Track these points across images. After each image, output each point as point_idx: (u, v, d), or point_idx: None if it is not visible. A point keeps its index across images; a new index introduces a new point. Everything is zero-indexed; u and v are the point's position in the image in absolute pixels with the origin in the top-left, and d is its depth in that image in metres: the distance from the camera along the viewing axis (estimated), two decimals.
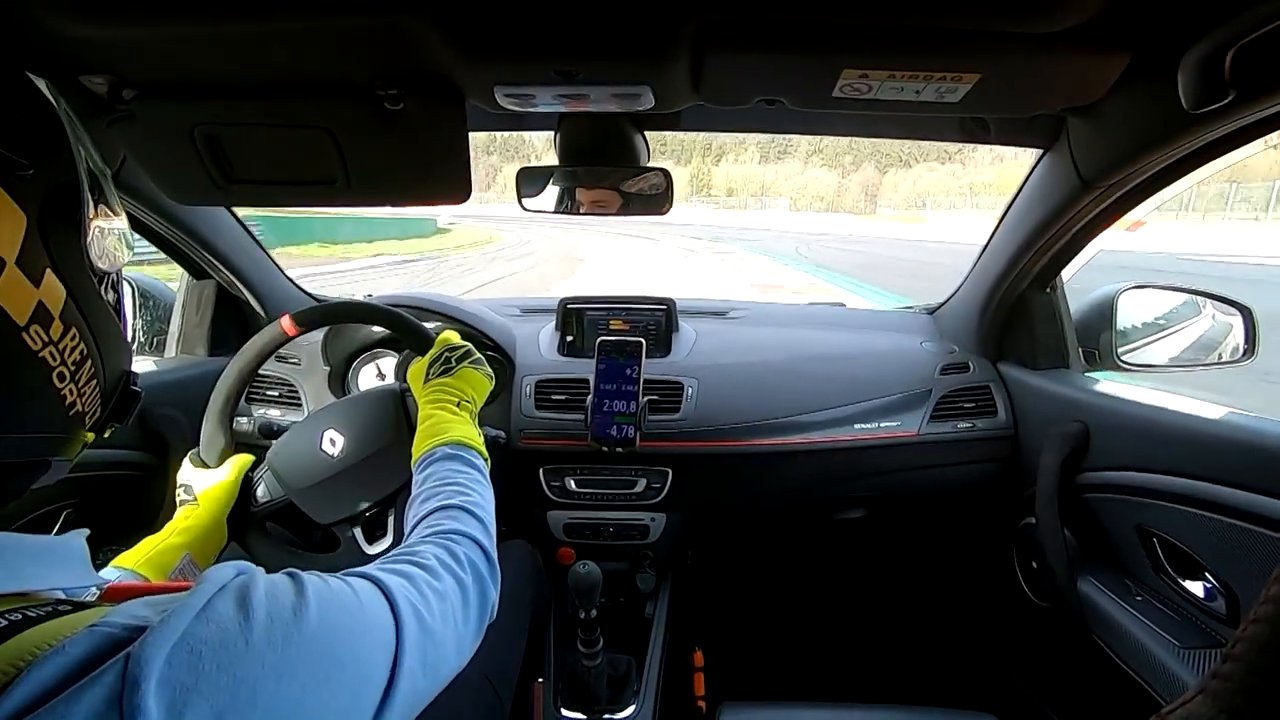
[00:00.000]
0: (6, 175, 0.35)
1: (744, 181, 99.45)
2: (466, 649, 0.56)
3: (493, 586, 0.62)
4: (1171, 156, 0.86)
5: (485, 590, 0.60)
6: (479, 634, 0.58)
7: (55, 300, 0.39)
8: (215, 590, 0.35)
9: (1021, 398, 1.35)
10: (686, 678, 1.44)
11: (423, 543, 0.60)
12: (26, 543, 0.37)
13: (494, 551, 0.65)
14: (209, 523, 0.84)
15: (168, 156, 0.88)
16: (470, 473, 0.73)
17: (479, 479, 0.73)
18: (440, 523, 0.64)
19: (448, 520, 0.64)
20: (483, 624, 0.59)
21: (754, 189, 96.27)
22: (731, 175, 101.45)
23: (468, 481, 0.71)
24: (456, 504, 0.66)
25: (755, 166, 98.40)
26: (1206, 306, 1.32)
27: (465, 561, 0.59)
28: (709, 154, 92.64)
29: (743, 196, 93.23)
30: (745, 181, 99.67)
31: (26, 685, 0.28)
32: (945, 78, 0.73)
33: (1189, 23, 0.65)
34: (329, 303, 0.97)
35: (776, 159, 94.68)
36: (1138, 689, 0.96)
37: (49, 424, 0.41)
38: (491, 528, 0.68)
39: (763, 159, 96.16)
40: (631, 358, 1.30)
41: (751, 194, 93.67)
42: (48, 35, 0.67)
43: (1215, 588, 0.91)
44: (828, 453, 1.34)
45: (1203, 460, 0.90)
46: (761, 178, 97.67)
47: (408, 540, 0.63)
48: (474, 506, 0.67)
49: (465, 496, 0.68)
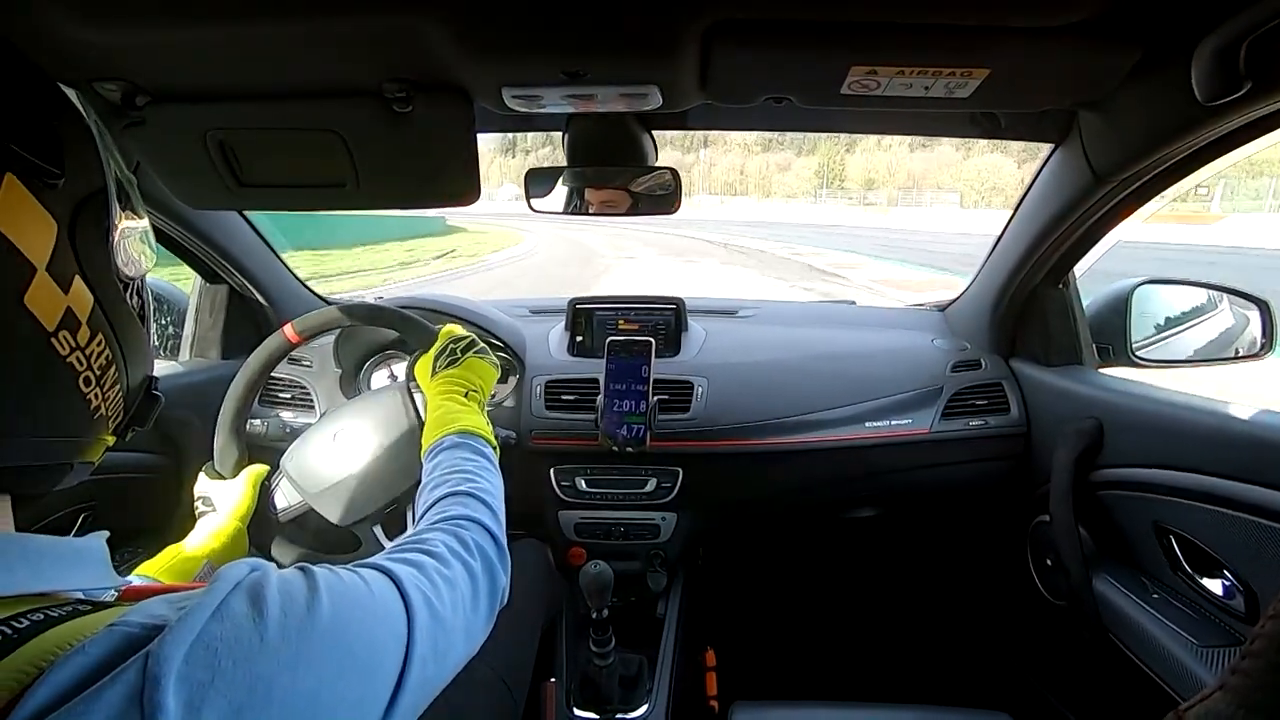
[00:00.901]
0: (38, 183, 0.36)
1: (887, 172, 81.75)
2: (477, 635, 0.56)
3: (503, 572, 0.61)
4: (1185, 150, 0.85)
5: (495, 576, 0.60)
6: (490, 620, 0.58)
7: (83, 306, 0.39)
8: (230, 588, 0.35)
9: (1034, 394, 1.34)
10: (698, 677, 1.43)
11: (432, 530, 0.60)
12: (48, 544, 0.38)
13: (503, 537, 0.64)
14: (229, 532, 0.85)
15: (180, 161, 0.89)
16: (478, 460, 0.73)
17: (487, 466, 0.73)
18: (449, 509, 0.64)
19: (456, 506, 0.64)
20: (493, 610, 0.59)
21: (901, 180, 79.22)
22: (871, 165, 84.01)
23: (475, 468, 0.71)
24: (465, 490, 0.66)
25: (902, 153, 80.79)
26: (1223, 301, 1.31)
27: (474, 548, 0.59)
28: (838, 141, 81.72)
29: (887, 190, 77.01)
30: (890, 172, 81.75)
31: (48, 685, 0.28)
32: (955, 73, 0.72)
33: (1201, 14, 0.65)
34: (329, 307, 0.98)
35: (923, 145, 72.57)
36: (1155, 688, 0.95)
37: (74, 428, 0.41)
38: (501, 513, 0.67)
39: (911, 146, 76.42)
40: (641, 357, 1.29)
41: (899, 186, 77.44)
42: (61, 42, 0.68)
43: (1234, 585, 0.90)
44: (839, 451, 1.33)
45: (1221, 456, 0.89)
46: (909, 166, 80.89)
47: (417, 528, 0.62)
48: (482, 492, 0.67)
49: (473, 483, 0.68)
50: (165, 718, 0.28)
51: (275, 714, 0.33)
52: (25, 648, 0.30)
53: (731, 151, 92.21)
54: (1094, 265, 1.26)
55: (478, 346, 0.91)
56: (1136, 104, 0.83)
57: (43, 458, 0.40)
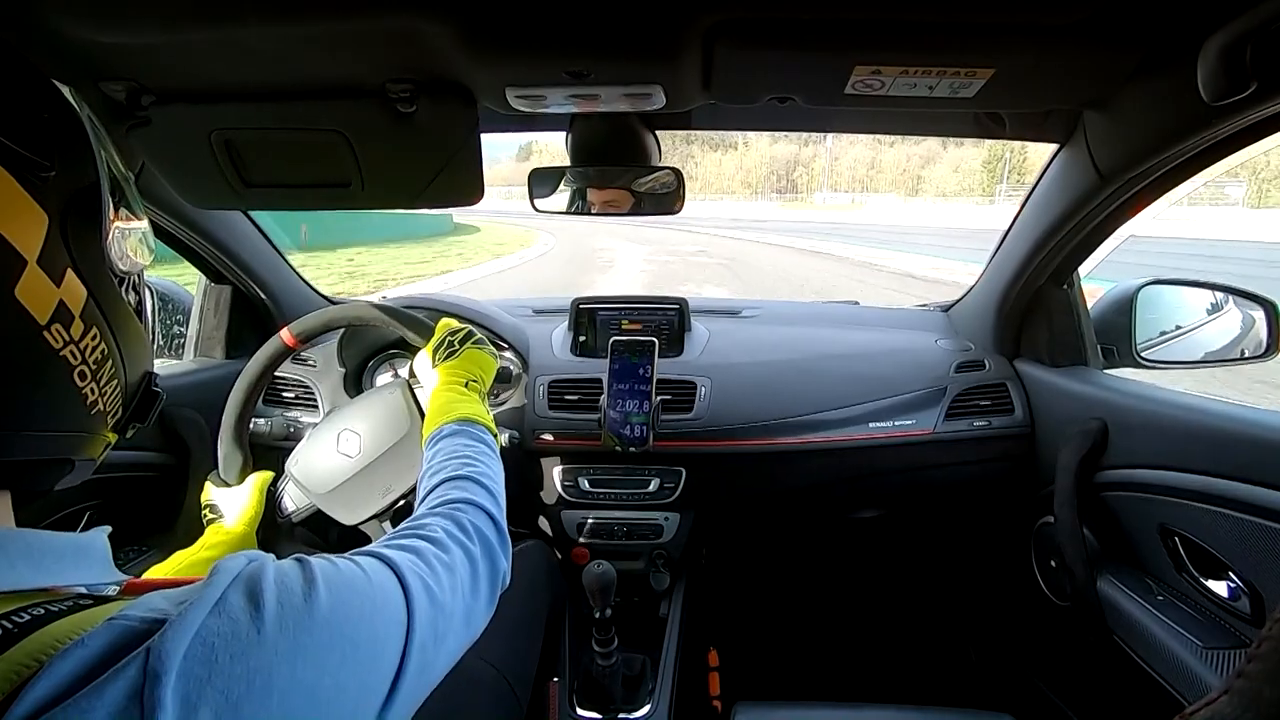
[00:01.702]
0: (28, 176, 0.36)
1: None
2: (478, 621, 0.55)
3: (503, 556, 0.61)
4: (1191, 150, 0.85)
5: (495, 560, 0.59)
6: (491, 604, 0.58)
7: (76, 300, 0.39)
8: (228, 581, 0.35)
9: (1038, 395, 1.33)
10: (701, 677, 1.44)
11: (430, 515, 0.60)
12: (50, 540, 0.38)
13: (503, 520, 0.64)
14: (239, 538, 0.86)
15: (185, 161, 0.90)
16: (477, 445, 0.73)
17: (487, 451, 0.73)
18: (448, 493, 0.64)
19: (455, 490, 0.64)
20: (494, 594, 0.58)
21: None
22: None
23: (474, 454, 0.71)
24: (464, 474, 0.66)
25: None
26: (1229, 301, 1.30)
27: (473, 531, 0.59)
28: None
29: None
30: None
31: (47, 679, 0.28)
32: (959, 73, 0.72)
33: (1206, 13, 0.64)
34: (326, 309, 0.98)
35: None
36: (1159, 690, 0.95)
37: (69, 422, 0.41)
38: (501, 497, 0.67)
39: None
40: (644, 357, 1.29)
41: None
42: (67, 42, 0.68)
43: (1239, 587, 0.89)
44: (842, 452, 1.33)
45: (1227, 458, 0.89)
46: None
47: (418, 514, 0.62)
48: (481, 476, 0.67)
49: (472, 467, 0.68)
50: (164, 714, 0.29)
51: (274, 705, 0.33)
52: (25, 642, 0.30)
53: (857, 144, 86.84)
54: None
55: (475, 337, 0.91)
56: (1141, 104, 0.82)
57: (39, 452, 0.40)
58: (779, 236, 23.21)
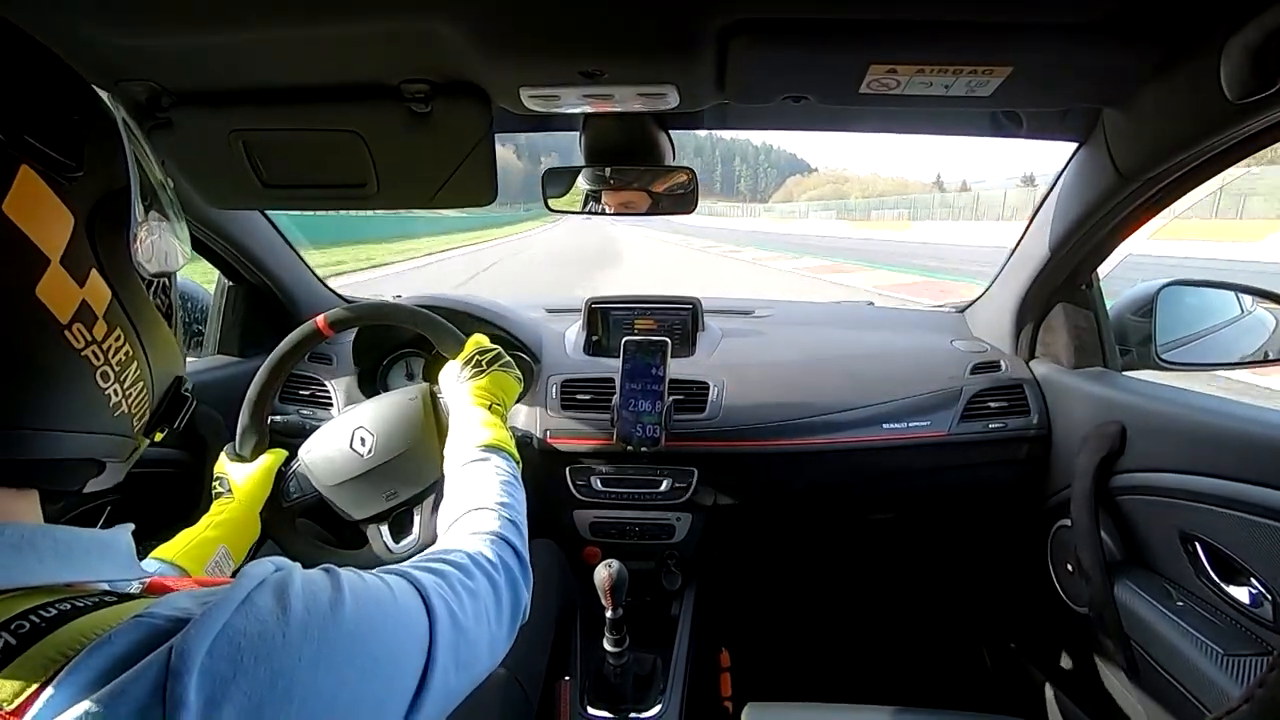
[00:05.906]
0: (54, 176, 0.36)
1: None
2: (500, 648, 0.56)
3: (525, 588, 0.62)
4: (1213, 149, 0.83)
5: (518, 591, 0.61)
6: (511, 634, 0.59)
7: (100, 301, 0.39)
8: (255, 585, 0.36)
9: (1055, 397, 1.32)
10: (713, 677, 1.43)
11: (457, 543, 0.61)
12: (75, 536, 0.38)
13: (526, 553, 0.65)
14: (242, 516, 0.87)
15: (204, 162, 0.91)
16: (504, 475, 0.74)
17: (512, 481, 0.75)
18: (475, 523, 0.65)
19: (482, 521, 0.65)
20: (515, 624, 0.60)
21: None
22: None
23: (501, 484, 0.72)
24: (490, 506, 0.68)
25: None
26: (1252, 303, 1.28)
27: (499, 562, 0.60)
28: None
29: None
30: None
31: (75, 674, 0.28)
32: (976, 71, 0.71)
33: (1230, 10, 0.63)
34: (363, 303, 0.99)
35: None
36: (1179, 696, 0.93)
37: (91, 422, 0.41)
38: (524, 530, 0.69)
39: None
40: (657, 357, 1.29)
41: None
42: (88, 43, 0.69)
43: (1261, 593, 0.88)
44: (855, 453, 1.32)
45: (1250, 462, 0.87)
46: None
47: (443, 540, 0.64)
48: (508, 509, 0.68)
49: (499, 499, 0.69)
50: (186, 711, 0.29)
51: (294, 711, 0.33)
52: (52, 636, 0.30)
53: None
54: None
55: (503, 359, 0.92)
56: (1162, 102, 0.81)
57: (61, 452, 0.40)
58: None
